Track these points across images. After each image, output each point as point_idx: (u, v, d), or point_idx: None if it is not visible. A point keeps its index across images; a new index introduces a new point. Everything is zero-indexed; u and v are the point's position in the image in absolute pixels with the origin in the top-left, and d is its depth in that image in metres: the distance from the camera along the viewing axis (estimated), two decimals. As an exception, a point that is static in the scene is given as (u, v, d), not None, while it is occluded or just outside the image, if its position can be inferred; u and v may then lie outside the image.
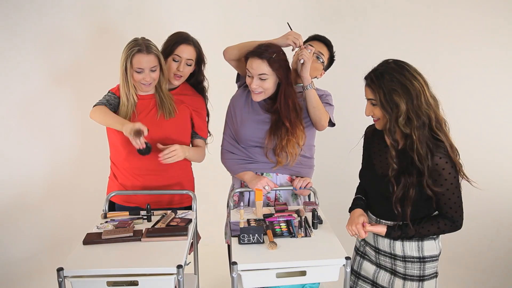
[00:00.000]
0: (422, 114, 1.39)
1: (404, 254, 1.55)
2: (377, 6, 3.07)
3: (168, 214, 1.80)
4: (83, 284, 1.38)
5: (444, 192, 1.43)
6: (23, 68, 2.83)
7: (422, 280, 1.54)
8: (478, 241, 3.04)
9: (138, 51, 1.79)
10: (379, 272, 1.64)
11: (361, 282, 1.71)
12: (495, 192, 3.04)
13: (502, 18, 2.96)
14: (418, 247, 1.53)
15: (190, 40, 1.97)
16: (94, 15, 2.92)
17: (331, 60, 2.08)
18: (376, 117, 1.51)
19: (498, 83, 3.06)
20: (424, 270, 1.54)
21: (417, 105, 1.39)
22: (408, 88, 1.39)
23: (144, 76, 1.82)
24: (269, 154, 1.90)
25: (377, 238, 1.61)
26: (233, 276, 1.41)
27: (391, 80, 1.40)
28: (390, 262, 1.59)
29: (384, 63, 1.47)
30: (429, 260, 1.54)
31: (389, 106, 1.41)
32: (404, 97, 1.39)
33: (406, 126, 1.40)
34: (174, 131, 1.95)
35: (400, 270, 1.57)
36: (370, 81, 1.46)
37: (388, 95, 1.41)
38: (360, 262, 1.71)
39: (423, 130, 1.40)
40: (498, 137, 3.11)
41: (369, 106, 1.51)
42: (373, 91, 1.45)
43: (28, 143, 2.94)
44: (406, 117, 1.40)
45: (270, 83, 1.81)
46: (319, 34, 2.06)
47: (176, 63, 1.95)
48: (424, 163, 1.40)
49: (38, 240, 2.97)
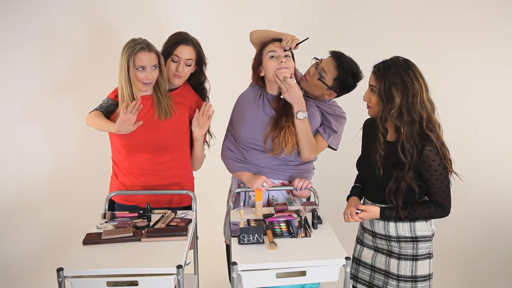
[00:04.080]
0: (414, 112, 1.51)
1: (398, 235, 1.65)
2: (377, 6, 3.07)
3: (168, 214, 1.80)
4: (83, 284, 1.38)
5: (434, 182, 1.54)
6: (23, 69, 2.82)
7: (416, 260, 1.64)
8: (478, 241, 3.04)
9: (140, 49, 1.79)
10: (376, 255, 1.73)
11: (362, 268, 1.79)
12: (495, 192, 3.05)
13: (503, 18, 2.96)
14: (411, 227, 1.63)
15: (190, 40, 1.97)
16: (94, 15, 2.91)
17: (341, 82, 1.89)
18: (371, 104, 1.62)
19: (498, 83, 3.06)
20: (417, 249, 1.64)
21: (411, 102, 1.51)
22: (407, 85, 1.51)
23: (147, 74, 1.82)
24: (267, 141, 1.87)
25: (373, 222, 1.70)
26: (233, 276, 1.41)
27: (394, 74, 1.52)
28: (386, 244, 1.68)
29: (395, 58, 1.57)
30: (422, 240, 1.64)
31: (386, 97, 1.53)
32: (401, 92, 1.51)
33: (397, 119, 1.52)
34: (171, 132, 1.94)
35: (396, 250, 1.66)
36: (377, 69, 1.57)
37: (387, 86, 1.52)
38: (360, 250, 1.80)
39: (412, 126, 1.52)
40: (499, 137, 3.12)
41: (368, 91, 1.63)
42: (377, 79, 1.56)
43: (28, 144, 2.94)
44: (399, 111, 1.52)
45: (292, 62, 1.87)
46: (337, 51, 1.92)
47: (175, 64, 1.94)
48: (407, 156, 1.51)
49: (38, 240, 2.97)
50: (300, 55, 1.94)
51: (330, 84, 1.90)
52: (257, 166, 1.93)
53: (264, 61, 1.85)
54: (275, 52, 1.83)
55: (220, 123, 2.10)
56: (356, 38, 3.04)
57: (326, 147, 1.98)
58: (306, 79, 1.96)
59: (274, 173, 1.94)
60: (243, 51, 2.19)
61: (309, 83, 1.95)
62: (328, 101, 2.01)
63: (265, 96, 1.93)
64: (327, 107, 1.98)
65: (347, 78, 1.88)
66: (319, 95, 1.97)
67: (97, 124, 1.88)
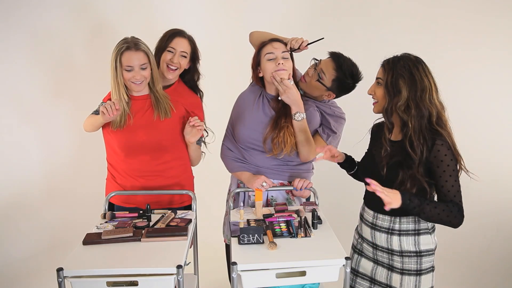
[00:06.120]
0: (422, 106, 1.45)
1: (401, 249, 1.57)
2: (377, 5, 3.07)
3: (167, 214, 1.80)
4: (83, 284, 1.38)
5: (447, 179, 1.44)
6: (19, 70, 2.82)
7: (420, 274, 1.57)
8: (478, 241, 3.04)
9: (126, 48, 1.77)
10: (376, 268, 1.66)
11: (360, 279, 1.72)
12: (495, 192, 3.04)
13: (503, 18, 2.96)
14: (415, 241, 1.56)
15: (185, 33, 1.97)
16: (90, 16, 2.90)
17: (339, 83, 1.88)
18: (376, 98, 1.57)
19: (499, 83, 3.06)
20: (421, 264, 1.56)
21: (419, 97, 1.45)
22: (415, 79, 1.46)
23: (134, 74, 1.79)
24: (267, 141, 1.87)
25: (375, 233, 1.62)
26: (233, 276, 1.41)
27: (403, 67, 1.47)
28: (388, 257, 1.61)
29: (406, 53, 1.53)
30: (426, 254, 1.57)
31: (392, 89, 1.48)
32: (408, 85, 1.45)
33: (404, 112, 1.46)
34: (170, 131, 1.93)
35: (398, 265, 1.59)
36: (386, 62, 1.53)
37: (394, 78, 1.47)
38: (358, 260, 1.73)
39: (421, 120, 1.46)
40: (498, 136, 3.12)
41: (374, 84, 1.58)
42: (385, 71, 1.52)
43: (27, 144, 2.94)
44: (406, 104, 1.46)
45: (291, 63, 1.86)
46: (336, 52, 1.91)
47: (170, 54, 1.93)
48: (417, 151, 1.44)
49: (38, 241, 2.97)
50: (300, 56, 1.94)
51: (329, 85, 1.89)
52: (256, 166, 1.93)
53: (262, 63, 1.85)
54: (272, 53, 1.82)
55: (220, 123, 2.10)
56: (356, 39, 3.04)
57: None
58: (305, 80, 1.95)
59: (274, 173, 1.94)
60: (244, 50, 2.19)
61: (308, 84, 1.94)
62: (327, 102, 2.01)
63: (265, 96, 1.93)
64: (327, 108, 1.98)
65: (346, 79, 1.87)
66: (318, 96, 1.97)
67: (90, 123, 1.89)
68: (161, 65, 1.95)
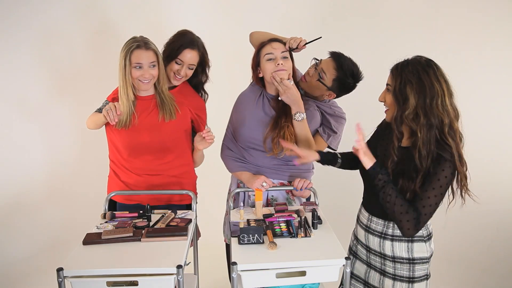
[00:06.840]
0: (432, 115, 1.37)
1: (394, 255, 1.55)
2: (378, 5, 3.07)
3: (168, 214, 1.80)
4: (83, 284, 1.38)
5: (429, 189, 1.39)
6: (23, 69, 2.83)
7: (412, 282, 1.53)
8: (478, 241, 3.04)
9: (137, 46, 1.79)
10: (370, 271, 1.65)
11: (354, 281, 1.71)
12: (495, 192, 3.04)
13: (503, 18, 2.96)
14: (408, 248, 1.52)
15: (195, 44, 1.96)
16: (94, 15, 2.91)
17: (340, 83, 1.88)
18: (387, 105, 1.51)
19: (498, 83, 3.06)
20: (413, 271, 1.53)
21: (429, 104, 1.37)
22: (424, 85, 1.38)
23: (143, 72, 1.80)
24: (267, 141, 1.87)
25: (368, 236, 1.61)
26: (233, 276, 1.41)
27: (411, 72, 1.40)
28: (380, 261, 1.59)
29: (416, 57, 1.46)
30: (419, 262, 1.53)
31: (401, 96, 1.41)
32: (416, 92, 1.38)
33: (413, 121, 1.39)
34: (175, 133, 1.93)
35: (390, 271, 1.56)
36: (395, 67, 1.46)
37: (402, 85, 1.40)
38: (352, 261, 1.72)
39: (430, 130, 1.38)
40: (498, 137, 3.12)
41: (384, 91, 1.52)
42: (393, 77, 1.45)
43: (28, 144, 2.94)
44: (414, 113, 1.39)
45: (290, 63, 1.84)
46: (336, 52, 1.91)
47: (178, 65, 1.95)
48: (423, 163, 1.39)
49: (38, 240, 2.97)
50: (300, 55, 1.94)
51: (330, 85, 1.89)
52: (256, 165, 1.93)
53: (262, 63, 1.85)
54: (271, 54, 1.82)
55: (220, 123, 2.10)
56: (357, 39, 3.03)
57: (326, 147, 1.98)
58: (306, 80, 1.95)
59: (274, 173, 1.94)
60: (244, 50, 2.19)
61: (309, 83, 1.94)
62: (328, 102, 2.01)
63: (265, 95, 1.92)
64: (327, 108, 1.98)
65: (346, 79, 1.87)
66: (319, 96, 1.97)
67: (93, 121, 1.91)
68: (168, 72, 1.97)
